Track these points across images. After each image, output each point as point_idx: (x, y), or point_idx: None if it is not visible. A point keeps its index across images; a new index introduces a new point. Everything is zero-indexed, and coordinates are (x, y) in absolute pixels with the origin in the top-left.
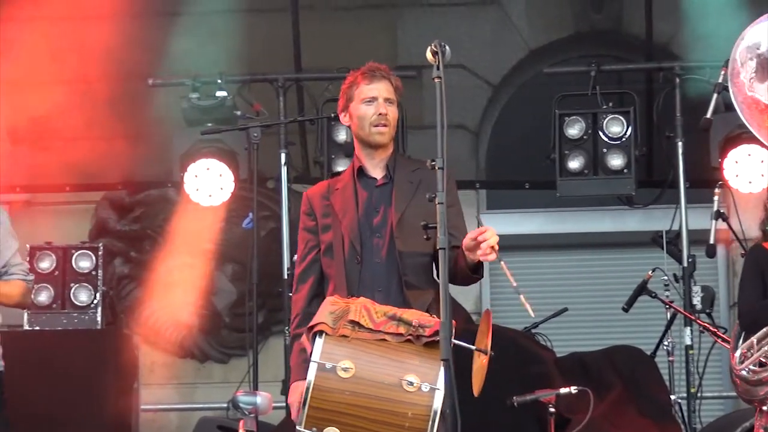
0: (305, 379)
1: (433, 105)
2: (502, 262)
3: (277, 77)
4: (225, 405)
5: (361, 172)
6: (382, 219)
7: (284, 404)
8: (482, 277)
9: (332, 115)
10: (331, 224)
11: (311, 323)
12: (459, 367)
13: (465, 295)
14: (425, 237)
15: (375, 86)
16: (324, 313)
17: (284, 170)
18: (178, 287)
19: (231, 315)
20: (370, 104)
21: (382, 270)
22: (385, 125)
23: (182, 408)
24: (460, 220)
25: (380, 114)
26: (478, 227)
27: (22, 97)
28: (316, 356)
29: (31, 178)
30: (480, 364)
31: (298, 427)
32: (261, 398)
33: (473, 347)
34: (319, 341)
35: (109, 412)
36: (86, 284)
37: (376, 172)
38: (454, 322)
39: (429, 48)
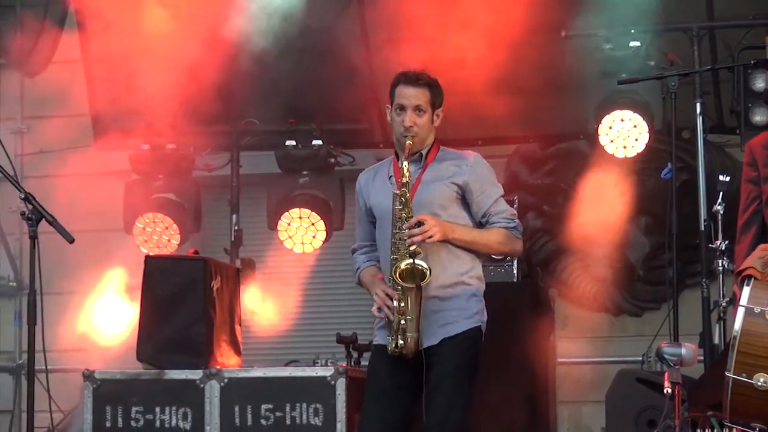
0: None
1: None
2: None
3: (691, 26)
4: (639, 358)
5: None
6: None
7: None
8: None
9: (751, 62)
10: None
11: (739, 268)
12: None
13: None
14: None
15: None
16: (753, 259)
17: (699, 120)
18: (592, 240)
19: (645, 268)
20: None
21: None
22: None
23: (597, 361)
24: None
25: None
26: None
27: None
28: (744, 301)
29: (444, 132)
30: None
31: (726, 373)
32: (686, 349)
33: None
34: (747, 287)
35: (528, 363)
36: None
37: None
38: None
39: None
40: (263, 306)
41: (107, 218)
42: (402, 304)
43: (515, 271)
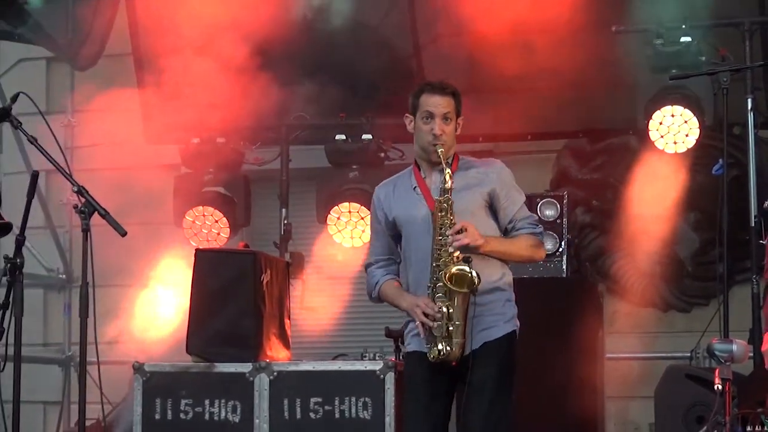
0: None
1: None
2: None
3: (743, 21)
4: (687, 354)
5: None
6: None
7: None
8: None
9: None
10: None
11: None
12: None
13: None
14: None
15: None
16: None
17: (751, 116)
18: (641, 236)
19: (694, 264)
20: None
21: None
22: None
23: (645, 357)
24: None
25: None
26: None
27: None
28: None
29: (494, 127)
30: None
31: None
32: (737, 346)
33: None
34: None
35: (576, 359)
36: (551, 233)
37: None
38: None
39: None
40: (312, 300)
41: (157, 211)
42: (451, 310)
43: (564, 267)
